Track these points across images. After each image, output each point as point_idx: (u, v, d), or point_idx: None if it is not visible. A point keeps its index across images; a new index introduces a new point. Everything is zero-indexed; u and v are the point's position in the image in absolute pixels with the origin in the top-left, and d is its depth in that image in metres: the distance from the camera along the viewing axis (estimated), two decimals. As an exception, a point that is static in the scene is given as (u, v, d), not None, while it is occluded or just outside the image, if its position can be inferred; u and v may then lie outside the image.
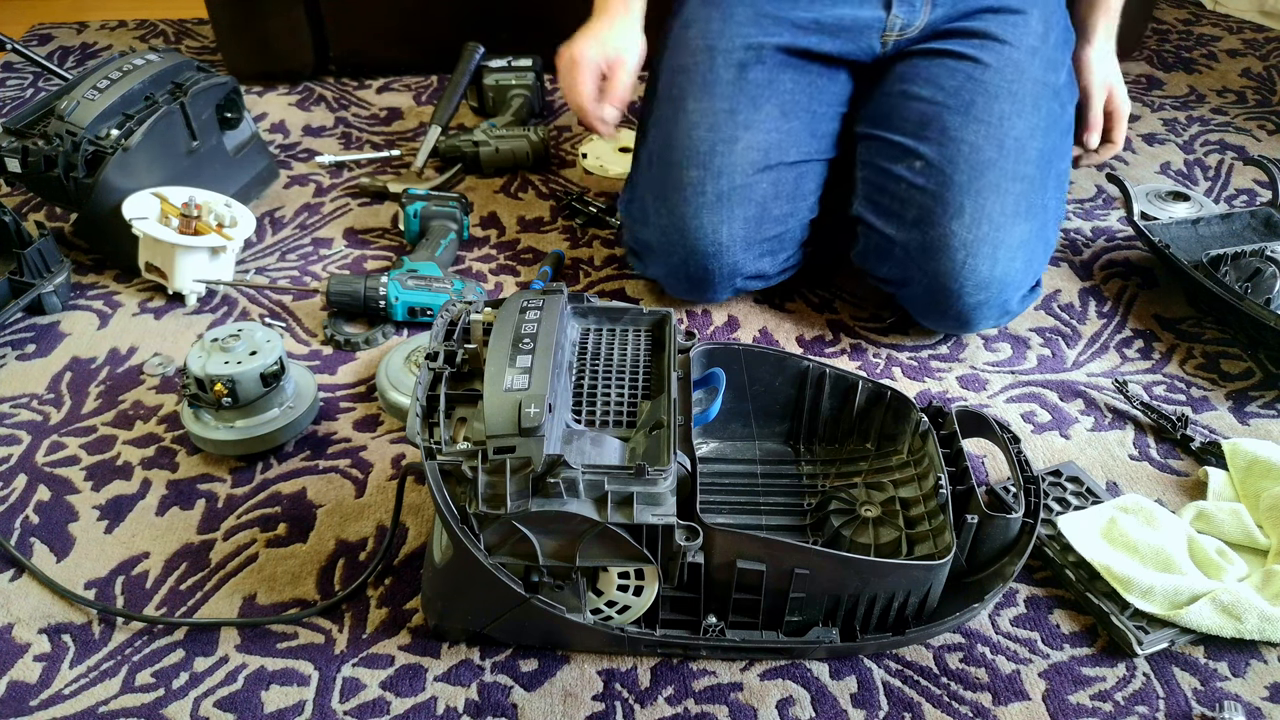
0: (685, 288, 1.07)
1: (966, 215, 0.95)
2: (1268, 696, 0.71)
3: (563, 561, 0.65)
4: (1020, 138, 0.97)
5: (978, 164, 0.96)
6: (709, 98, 1.02)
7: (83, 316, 1.10)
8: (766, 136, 1.02)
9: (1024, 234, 0.96)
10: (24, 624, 0.76)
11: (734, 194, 1.00)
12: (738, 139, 1.01)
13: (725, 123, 1.01)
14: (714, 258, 1.02)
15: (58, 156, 1.08)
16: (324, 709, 0.70)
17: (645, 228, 1.06)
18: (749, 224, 1.01)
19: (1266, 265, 1.04)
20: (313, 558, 0.82)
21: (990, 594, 0.71)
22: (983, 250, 0.95)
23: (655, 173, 1.04)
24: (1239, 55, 1.77)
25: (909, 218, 0.98)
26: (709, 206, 1.00)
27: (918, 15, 1.04)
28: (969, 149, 0.96)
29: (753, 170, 1.01)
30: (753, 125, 1.01)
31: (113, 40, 1.81)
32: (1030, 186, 0.97)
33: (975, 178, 0.95)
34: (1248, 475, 0.87)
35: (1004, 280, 0.97)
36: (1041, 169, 0.99)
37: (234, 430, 0.88)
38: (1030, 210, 0.97)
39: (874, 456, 0.82)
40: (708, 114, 1.02)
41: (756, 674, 0.72)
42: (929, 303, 1.00)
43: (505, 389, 0.63)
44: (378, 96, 1.61)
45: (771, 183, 1.02)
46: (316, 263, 1.20)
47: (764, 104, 1.03)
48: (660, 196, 1.03)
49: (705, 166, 1.00)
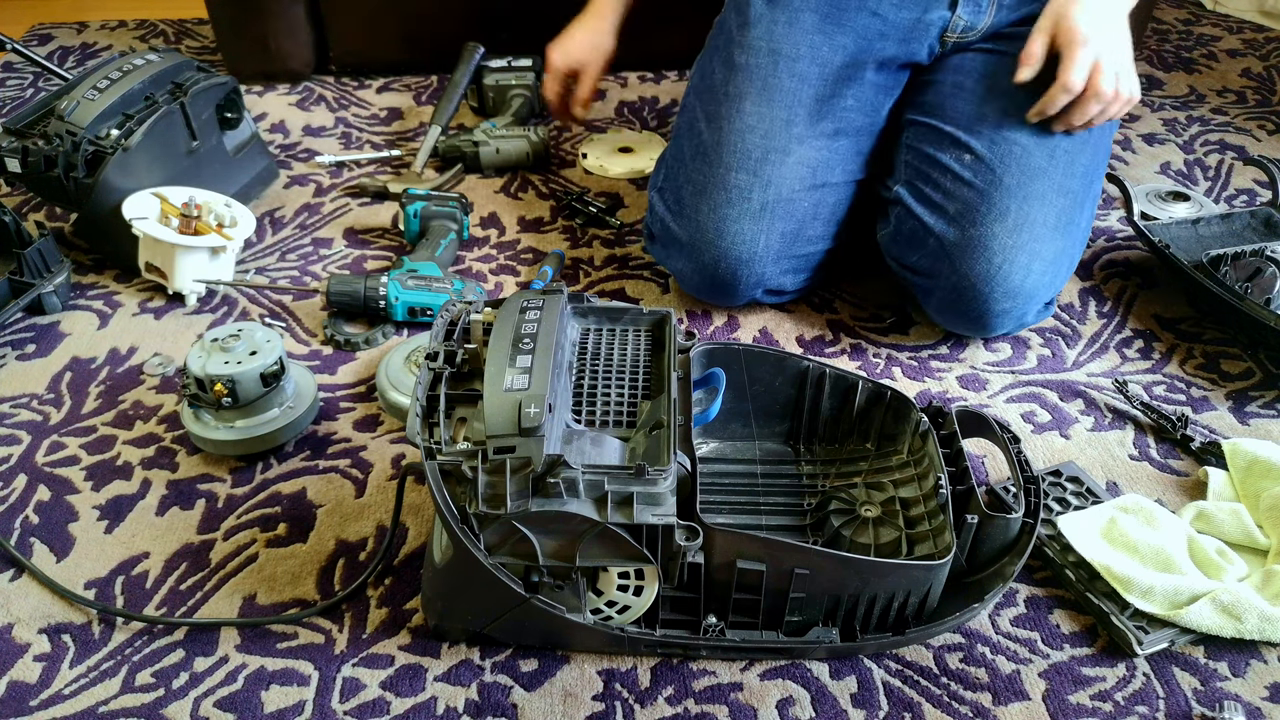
0: (706, 289, 1.06)
1: (1010, 219, 0.93)
2: (1268, 696, 0.71)
3: (563, 561, 0.65)
4: (1071, 150, 0.96)
5: (1029, 169, 0.95)
6: (768, 103, 1.01)
7: (83, 316, 1.10)
8: (817, 154, 1.01)
9: (1058, 249, 0.95)
10: (24, 624, 0.76)
11: (778, 206, 0.99)
12: (790, 151, 1.00)
13: (781, 132, 1.00)
14: (745, 265, 1.01)
15: (58, 156, 1.08)
16: (324, 709, 0.70)
17: (679, 220, 1.04)
18: (785, 239, 1.01)
19: (1266, 265, 1.04)
20: (313, 558, 0.82)
21: (990, 594, 0.71)
22: (1019, 259, 0.94)
23: (700, 167, 1.02)
24: (1239, 55, 1.77)
25: (951, 210, 0.96)
26: (751, 214, 0.99)
27: (982, 18, 1.03)
28: (1021, 151, 0.95)
29: (800, 186, 1.00)
30: (806, 139, 1.00)
31: (113, 40, 1.81)
32: (1072, 202, 0.96)
33: (1025, 183, 0.94)
34: (1248, 475, 0.87)
35: (1031, 292, 0.96)
36: (1084, 185, 0.98)
37: (234, 430, 0.88)
38: (1068, 226, 0.96)
39: (874, 456, 0.82)
40: (764, 119, 1.00)
41: (756, 674, 0.72)
42: (952, 301, 0.99)
43: (505, 389, 0.63)
44: (378, 96, 1.61)
45: (814, 203, 1.01)
46: (316, 263, 1.20)
47: (822, 120, 1.02)
48: (701, 192, 1.01)
49: (755, 173, 0.99)
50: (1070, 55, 0.92)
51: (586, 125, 1.51)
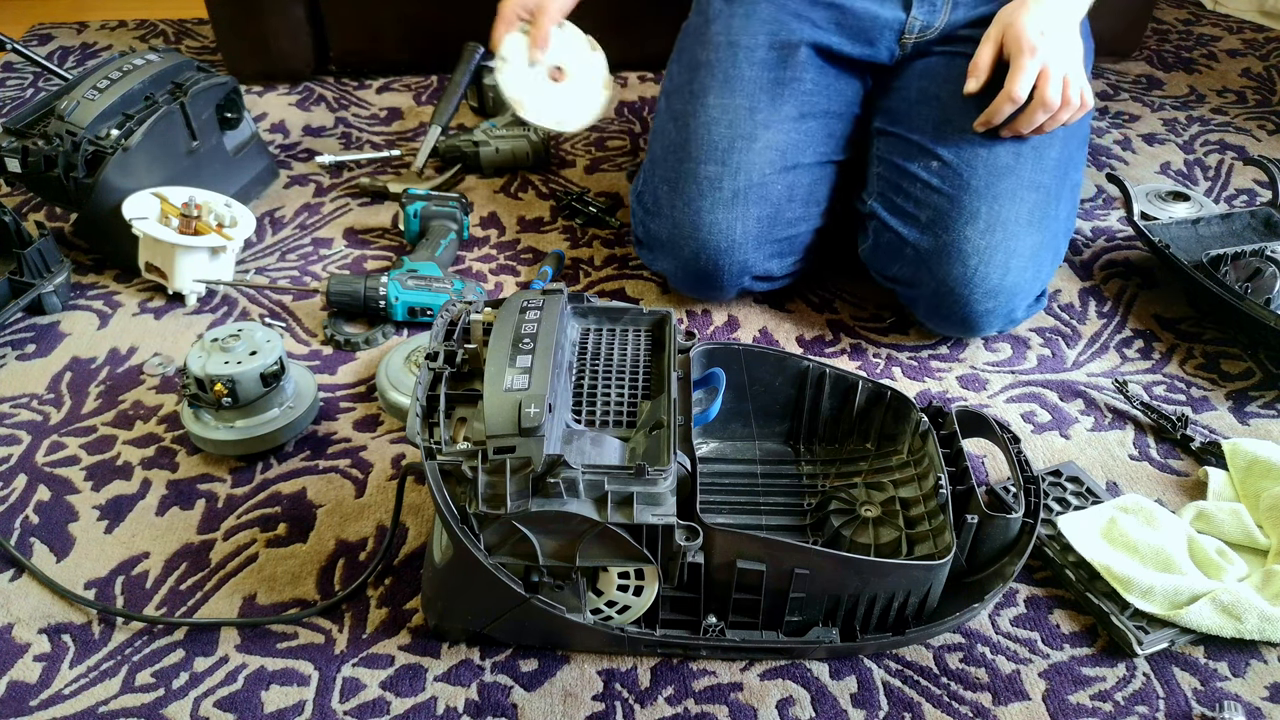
0: (693, 283, 1.07)
1: (981, 221, 0.94)
2: (1268, 696, 0.71)
3: (563, 561, 0.65)
4: (1038, 145, 0.97)
5: (995, 169, 0.95)
6: (730, 94, 1.02)
7: (83, 316, 1.10)
8: (785, 137, 1.02)
9: (1036, 243, 0.96)
10: (24, 624, 0.76)
11: (750, 192, 1.00)
12: (756, 137, 1.01)
13: (745, 120, 1.01)
14: (725, 254, 1.01)
15: (58, 156, 1.08)
16: (324, 709, 0.70)
17: (657, 219, 1.05)
18: (762, 223, 1.01)
19: (1266, 265, 1.04)
20: (313, 558, 0.82)
21: (990, 594, 0.71)
22: (995, 258, 0.94)
23: (671, 165, 1.04)
24: (1239, 55, 1.77)
25: (923, 219, 0.97)
26: (724, 203, 1.00)
27: (938, 16, 1.04)
28: (986, 153, 0.96)
29: (770, 170, 1.01)
30: (772, 124, 1.01)
31: (113, 40, 1.81)
32: (1045, 196, 0.97)
33: (992, 183, 0.95)
34: (1248, 475, 0.87)
35: (1013, 289, 0.96)
36: (1058, 178, 0.98)
37: (234, 430, 0.88)
38: (1044, 220, 0.97)
39: (874, 456, 0.82)
40: (728, 110, 1.01)
41: (756, 674, 0.72)
42: (936, 306, 1.00)
43: (505, 389, 0.63)
44: (378, 96, 1.61)
45: (787, 185, 1.02)
46: (316, 263, 1.20)
47: (784, 103, 1.03)
48: (675, 189, 1.03)
49: (723, 163, 1.00)
50: (1017, 64, 0.92)
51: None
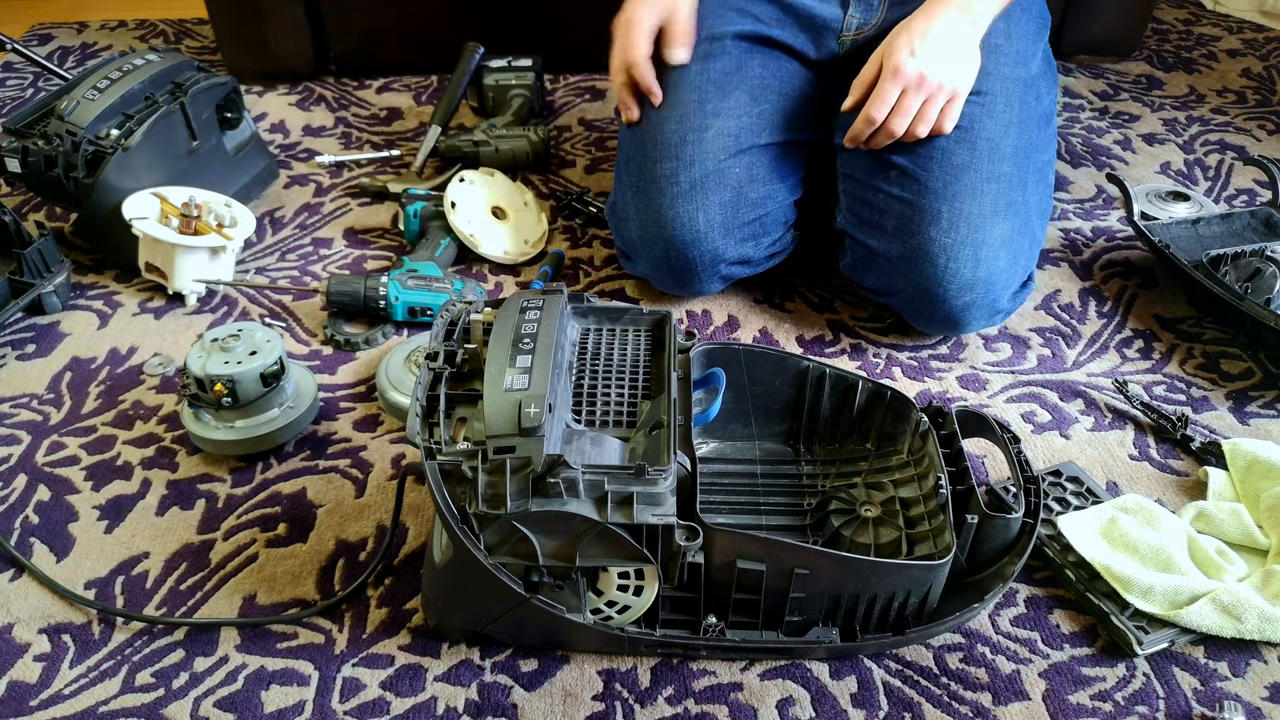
0: (671, 280, 1.07)
1: (944, 220, 0.95)
2: (1268, 696, 0.71)
3: (563, 561, 0.65)
4: (993, 137, 0.97)
5: (951, 168, 0.96)
6: (680, 90, 1.03)
7: (83, 316, 1.10)
8: (738, 122, 1.02)
9: (1005, 232, 0.96)
10: (24, 624, 0.76)
11: (707, 180, 1.01)
12: (708, 127, 1.02)
13: (694, 113, 1.02)
14: (693, 245, 1.02)
15: (58, 156, 1.08)
16: (324, 709, 0.70)
17: (627, 225, 1.07)
18: (725, 209, 1.02)
19: (1266, 265, 1.04)
20: (313, 558, 0.82)
21: (990, 594, 0.71)
22: (963, 253, 0.95)
23: (633, 171, 1.05)
24: (1239, 55, 1.77)
25: (889, 228, 0.98)
26: (683, 195, 1.01)
27: (874, 15, 1.05)
28: (940, 154, 0.97)
29: (725, 155, 1.01)
30: (722, 113, 1.02)
31: (113, 40, 1.81)
32: (1008, 184, 0.97)
33: (950, 182, 0.96)
34: (1248, 475, 0.87)
35: (989, 280, 0.96)
36: (1019, 165, 0.99)
37: (234, 430, 0.88)
38: (1010, 208, 0.97)
39: (874, 456, 0.82)
40: (677, 107, 1.03)
41: (756, 674, 0.72)
42: (918, 308, 1.01)
43: (505, 389, 0.63)
44: (378, 96, 1.61)
45: (745, 166, 1.02)
46: (316, 263, 1.20)
47: (733, 91, 1.03)
48: (638, 193, 1.04)
49: (677, 158, 1.01)
50: (880, 86, 0.95)
51: (586, 125, 1.51)
